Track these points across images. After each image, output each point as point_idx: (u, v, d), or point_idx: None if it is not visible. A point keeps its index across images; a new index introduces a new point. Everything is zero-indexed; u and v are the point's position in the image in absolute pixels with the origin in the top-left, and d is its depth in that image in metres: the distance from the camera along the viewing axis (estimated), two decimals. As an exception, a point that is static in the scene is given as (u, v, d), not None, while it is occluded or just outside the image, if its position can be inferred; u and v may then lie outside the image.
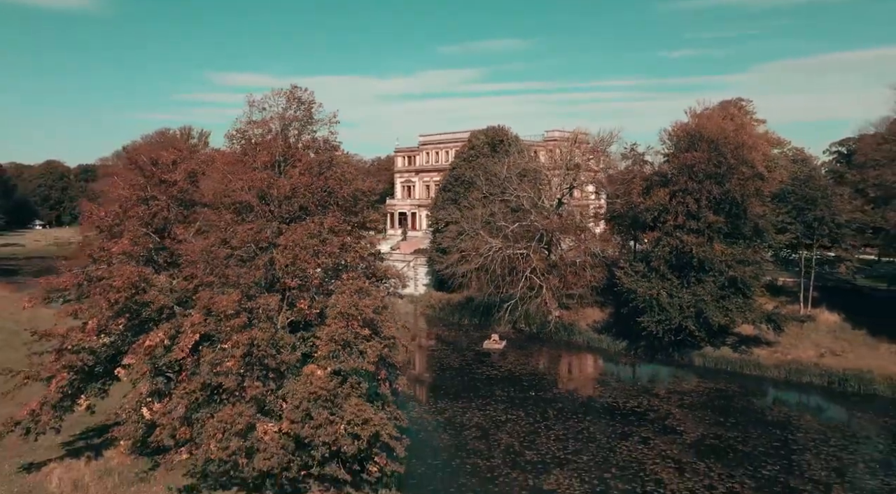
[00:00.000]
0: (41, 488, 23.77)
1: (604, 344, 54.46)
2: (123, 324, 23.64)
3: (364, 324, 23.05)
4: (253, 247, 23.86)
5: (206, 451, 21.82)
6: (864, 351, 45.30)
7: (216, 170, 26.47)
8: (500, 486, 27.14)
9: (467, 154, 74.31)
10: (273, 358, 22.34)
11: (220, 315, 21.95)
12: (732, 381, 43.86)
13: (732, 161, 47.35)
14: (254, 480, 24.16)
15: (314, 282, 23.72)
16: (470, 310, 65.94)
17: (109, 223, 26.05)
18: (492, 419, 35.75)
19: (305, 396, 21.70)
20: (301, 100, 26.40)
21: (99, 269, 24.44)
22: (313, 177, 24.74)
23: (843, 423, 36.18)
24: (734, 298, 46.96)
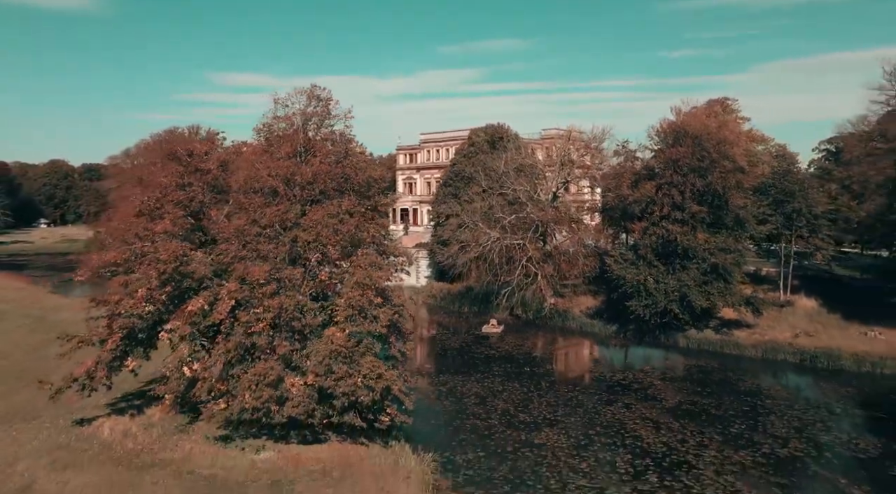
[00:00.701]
0: (95, 436, 27.19)
1: (596, 328, 57.83)
2: (166, 294, 27.00)
3: (377, 293, 26.57)
4: (278, 226, 27.33)
5: (241, 401, 25.28)
6: (836, 333, 48.73)
7: (245, 159, 29.93)
8: (497, 441, 30.55)
9: (467, 151, 77.65)
10: (298, 321, 25.83)
11: (253, 283, 25.40)
12: (713, 359, 47.28)
13: (715, 155, 50.72)
14: (280, 430, 27.70)
15: (333, 257, 27.12)
16: (469, 299, 69.28)
17: (151, 206, 29.46)
18: (489, 389, 39.17)
19: (327, 353, 25.16)
20: (319, 97, 29.90)
21: (144, 247, 27.84)
22: (332, 166, 28.21)
23: (808, 392, 39.58)
24: (716, 283, 50.30)
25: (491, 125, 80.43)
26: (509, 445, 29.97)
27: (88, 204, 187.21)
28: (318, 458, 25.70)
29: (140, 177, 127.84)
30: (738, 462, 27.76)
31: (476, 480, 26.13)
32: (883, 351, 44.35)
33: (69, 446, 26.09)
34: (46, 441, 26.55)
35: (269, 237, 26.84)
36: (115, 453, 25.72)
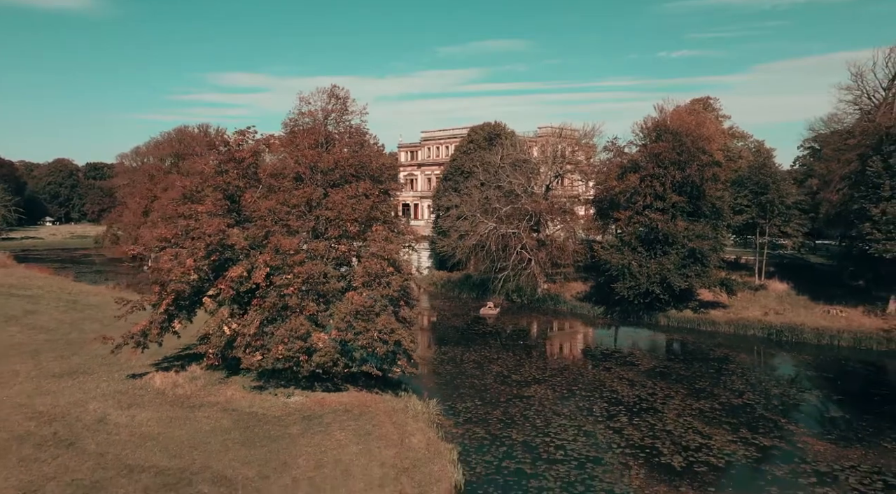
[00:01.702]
0: (149, 386, 31.80)
1: (585, 310, 62.53)
2: (209, 264, 31.59)
3: (390, 263, 31.23)
4: (305, 206, 31.99)
5: (275, 353, 29.89)
6: (802, 311, 53.54)
7: (274, 149, 34.58)
8: (491, 394, 35.23)
9: (466, 147, 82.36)
10: (323, 285, 30.48)
11: (284, 253, 30.03)
12: (689, 335, 52.02)
13: (693, 150, 55.45)
14: (306, 382, 32.34)
15: (351, 232, 31.76)
16: (468, 286, 74.01)
17: (193, 191, 34.09)
18: (485, 357, 43.86)
19: (348, 312, 29.80)
20: (338, 96, 34.62)
21: (189, 224, 32.44)
22: (350, 154, 32.85)
23: (769, 360, 44.33)
24: (694, 267, 55.00)
25: (488, 123, 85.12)
26: (502, 397, 34.66)
27: (93, 202, 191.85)
28: (340, 401, 30.34)
29: (151, 173, 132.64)
30: (698, 409, 32.46)
31: (473, 420, 30.82)
32: (841, 326, 49.13)
33: (129, 392, 30.70)
34: (108, 389, 31.14)
35: (298, 215, 31.51)
36: (168, 397, 30.35)
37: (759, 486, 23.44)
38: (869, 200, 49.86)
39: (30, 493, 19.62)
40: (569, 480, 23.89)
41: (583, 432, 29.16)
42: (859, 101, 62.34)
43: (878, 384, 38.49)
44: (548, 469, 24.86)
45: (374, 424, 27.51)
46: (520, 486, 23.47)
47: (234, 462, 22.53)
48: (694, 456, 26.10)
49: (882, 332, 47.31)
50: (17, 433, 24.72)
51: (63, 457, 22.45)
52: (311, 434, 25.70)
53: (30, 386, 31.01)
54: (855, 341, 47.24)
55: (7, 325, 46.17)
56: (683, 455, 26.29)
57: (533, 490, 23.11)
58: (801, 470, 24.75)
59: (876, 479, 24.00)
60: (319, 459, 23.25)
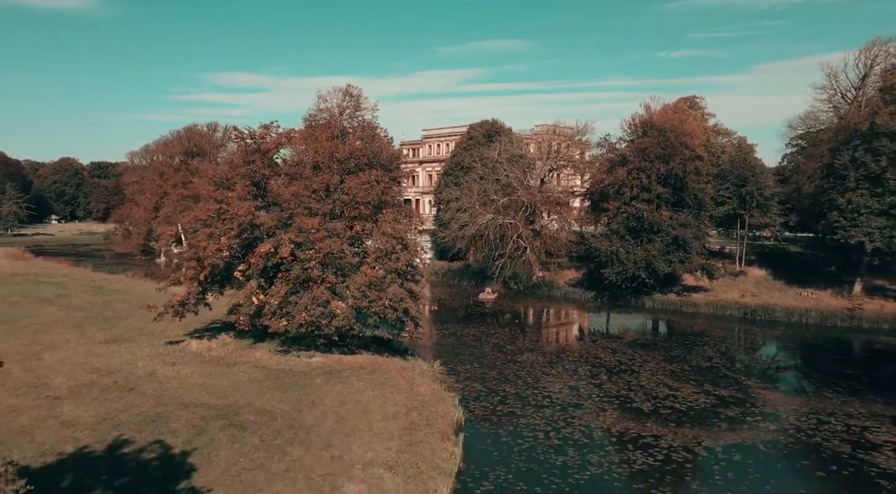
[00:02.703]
0: (186, 349, 36.11)
1: (577, 295, 66.85)
2: (239, 243, 35.90)
3: (398, 241, 35.55)
4: (323, 191, 36.30)
5: (298, 319, 34.21)
6: (776, 294, 57.91)
7: (295, 142, 38.89)
8: (488, 359, 39.57)
9: (466, 143, 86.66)
10: (341, 260, 34.78)
11: (307, 231, 34.34)
12: (672, 315, 56.34)
13: (676, 145, 59.77)
14: (324, 347, 36.66)
15: (365, 213, 36.07)
16: (468, 275, 78.33)
17: (222, 178, 38.39)
18: (483, 332, 48.20)
19: (363, 283, 34.13)
20: (352, 94, 39.11)
21: (221, 207, 36.72)
22: (363, 145, 37.18)
23: (741, 334, 48.66)
24: (677, 253, 59.33)
25: (487, 121, 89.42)
26: (498, 361, 39.02)
27: (98, 200, 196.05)
28: (355, 361, 34.65)
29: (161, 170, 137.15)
30: (669, 370, 36.81)
31: (472, 378, 35.17)
32: (810, 306, 53.51)
33: (170, 354, 34.98)
34: (151, 352, 35.42)
35: (318, 198, 35.83)
36: (205, 358, 34.66)
37: (712, 422, 27.80)
38: (836, 191, 54.18)
39: (108, 420, 23.91)
40: (553, 419, 28.23)
41: (567, 386, 33.52)
42: (833, 100, 66.74)
43: (835, 352, 42.85)
44: (535, 412, 29.22)
45: (386, 377, 31.83)
46: (511, 422, 27.83)
47: (271, 401, 26.87)
48: (661, 403, 30.44)
49: (846, 311, 51.68)
50: (83, 382, 29.02)
51: (127, 398, 26.74)
52: (333, 383, 30.02)
53: (83, 350, 35.33)
54: (822, 319, 51.60)
55: (44, 306, 50.47)
56: (652, 401, 30.64)
57: (522, 426, 27.47)
58: (750, 411, 29.11)
59: (811, 417, 28.36)
60: (342, 399, 27.59)
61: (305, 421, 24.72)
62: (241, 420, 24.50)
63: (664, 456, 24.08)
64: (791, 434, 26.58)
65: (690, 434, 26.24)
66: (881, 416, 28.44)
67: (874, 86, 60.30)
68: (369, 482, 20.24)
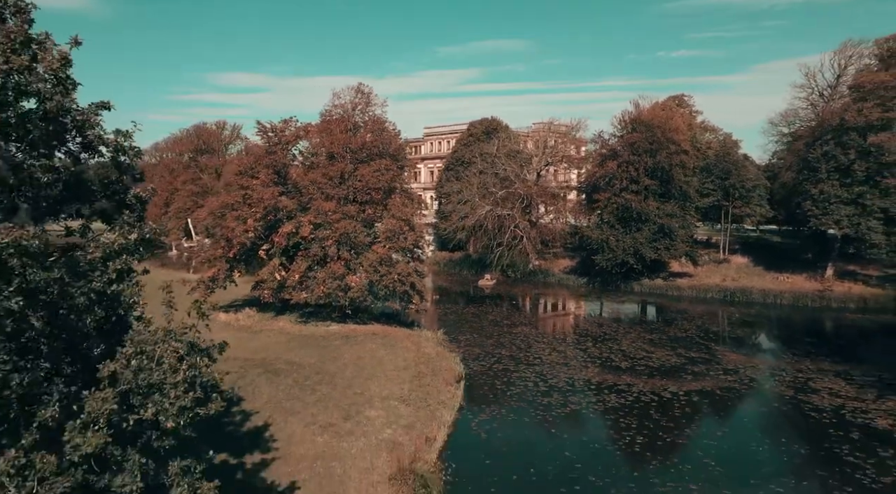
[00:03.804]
0: (214, 320, 40.38)
1: (570, 282, 71.08)
2: (263, 224, 40.15)
3: (406, 223, 39.82)
4: (339, 178, 40.53)
5: (317, 291, 38.50)
6: (755, 278, 62.15)
7: (312, 134, 43.15)
8: (486, 331, 43.83)
9: (466, 140, 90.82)
10: (355, 239, 39.05)
11: (325, 213, 38.60)
12: (658, 298, 60.58)
13: (662, 140, 63.95)
14: (339, 318, 40.94)
15: (376, 198, 40.32)
16: (468, 264, 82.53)
17: (247, 167, 42.65)
18: (482, 311, 52.48)
19: (374, 260, 38.41)
20: (363, 92, 43.21)
21: (245, 194, 40.99)
22: (373, 138, 41.44)
23: (718, 313, 52.88)
24: (663, 241, 63.51)
25: (486, 118, 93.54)
26: (495, 333, 43.30)
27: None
28: (368, 330, 38.92)
29: (171, 167, 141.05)
30: (648, 339, 41.06)
31: (471, 345, 39.42)
32: (785, 289, 57.78)
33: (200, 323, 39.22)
34: (185, 322, 39.71)
35: (333, 185, 40.09)
36: (234, 327, 38.98)
37: (679, 375, 32.07)
38: (810, 182, 58.39)
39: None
40: (541, 373, 32.51)
41: (556, 350, 37.80)
42: (811, 98, 70.98)
43: (801, 326, 47.07)
44: (526, 368, 33.50)
45: (396, 341, 36.11)
46: (505, 376, 32.10)
47: (298, 356, 31.18)
48: (637, 362, 34.71)
49: (817, 293, 55.93)
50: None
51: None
52: (350, 345, 34.29)
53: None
54: (794, 300, 55.87)
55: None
56: (630, 361, 34.92)
57: (514, 377, 31.75)
58: (713, 368, 33.39)
59: (766, 372, 32.67)
60: (359, 355, 31.87)
61: (329, 370, 29.02)
62: (275, 368, 28.80)
63: (634, 398, 28.36)
64: (745, 383, 30.84)
65: (659, 384, 30.50)
66: (826, 371, 32.69)
67: (847, 85, 64.44)
68: (387, 409, 24.52)
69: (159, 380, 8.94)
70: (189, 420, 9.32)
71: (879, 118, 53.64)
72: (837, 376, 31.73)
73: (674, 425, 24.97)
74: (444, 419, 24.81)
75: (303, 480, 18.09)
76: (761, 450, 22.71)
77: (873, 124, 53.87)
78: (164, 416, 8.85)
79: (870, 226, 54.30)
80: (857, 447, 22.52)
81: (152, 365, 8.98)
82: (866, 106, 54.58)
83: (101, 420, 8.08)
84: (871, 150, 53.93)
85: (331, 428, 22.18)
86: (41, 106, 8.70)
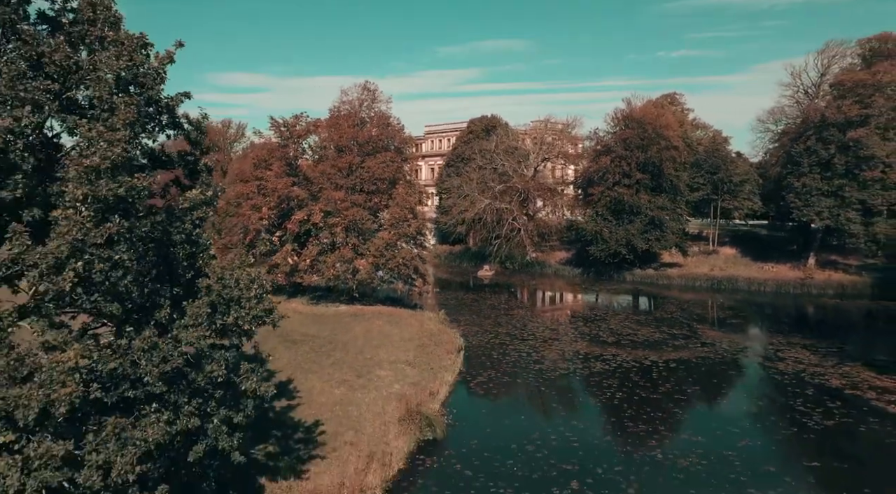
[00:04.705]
0: (233, 301, 43.39)
1: (565, 272, 74.13)
2: (276, 212, 43.16)
3: (410, 211, 42.83)
4: (347, 169, 43.55)
5: (328, 274, 41.51)
6: (741, 268, 65.19)
7: (322, 129, 46.16)
8: (485, 313, 46.86)
9: (466, 137, 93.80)
10: (362, 225, 42.07)
11: (335, 201, 41.61)
12: (649, 287, 63.61)
13: (653, 135, 66.97)
14: (348, 300, 43.96)
15: (382, 188, 43.33)
16: (467, 257, 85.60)
17: (262, 158, 45.66)
18: (481, 297, 55.52)
19: (380, 245, 41.42)
20: (369, 89, 46.28)
21: (262, 183, 43.99)
22: (379, 132, 44.46)
23: (704, 299, 55.89)
24: (653, 232, 66.52)
25: (486, 116, 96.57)
26: (492, 315, 46.33)
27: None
28: (375, 310, 41.89)
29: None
30: (636, 320, 44.08)
31: (471, 324, 42.45)
32: (769, 277, 60.84)
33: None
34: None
35: (342, 175, 43.11)
36: (250, 307, 41.95)
37: (660, 347, 35.10)
38: (793, 175, 61.43)
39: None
40: (534, 346, 35.54)
41: (549, 328, 40.84)
42: (797, 96, 73.99)
43: (779, 309, 50.09)
44: (521, 343, 36.53)
45: (401, 318, 39.12)
46: (501, 348, 35.14)
47: (312, 329, 34.18)
48: (623, 338, 37.73)
49: (799, 280, 59.00)
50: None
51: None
52: (359, 321, 37.29)
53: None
54: (777, 287, 58.93)
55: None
56: (616, 337, 37.95)
57: (510, 349, 34.79)
58: (692, 342, 36.43)
59: (739, 345, 35.73)
60: (368, 329, 34.89)
61: (341, 340, 32.05)
62: (292, 338, 31.81)
63: (617, 365, 31.39)
64: (719, 353, 33.87)
65: (641, 354, 33.53)
66: (795, 345, 35.71)
67: (829, 83, 67.47)
68: (394, 370, 27.55)
69: (238, 295, 11.93)
70: (258, 324, 12.36)
71: (858, 114, 56.66)
72: (804, 348, 34.72)
73: (650, 385, 27.97)
74: (446, 379, 27.84)
75: (325, 419, 21.08)
76: (724, 403, 25.74)
77: (852, 120, 56.88)
78: (241, 321, 11.89)
79: (848, 218, 57.30)
80: (809, 399, 25.54)
81: (232, 284, 11.94)
82: (845, 103, 57.62)
83: (198, 320, 11.08)
84: (851, 145, 56.91)
85: (346, 384, 25.18)
86: (145, 92, 11.64)
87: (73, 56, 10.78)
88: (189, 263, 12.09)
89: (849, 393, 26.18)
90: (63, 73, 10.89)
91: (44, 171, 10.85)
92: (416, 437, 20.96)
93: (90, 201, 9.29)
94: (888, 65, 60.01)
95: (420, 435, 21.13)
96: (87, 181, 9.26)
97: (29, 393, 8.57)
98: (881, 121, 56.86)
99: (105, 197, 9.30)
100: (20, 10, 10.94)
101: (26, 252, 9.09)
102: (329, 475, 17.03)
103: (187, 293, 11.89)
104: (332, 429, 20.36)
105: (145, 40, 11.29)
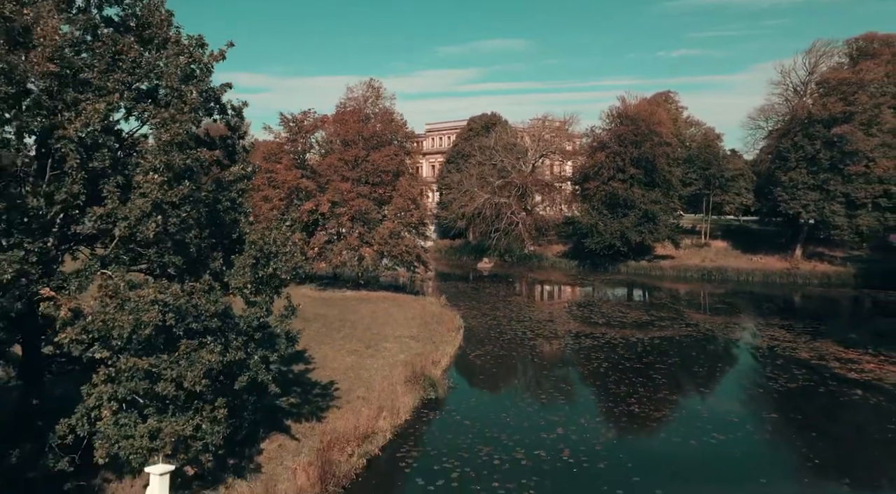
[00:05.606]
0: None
1: (562, 264, 76.55)
2: (286, 203, 45.62)
3: (412, 202, 45.32)
4: (353, 162, 46.05)
5: (335, 261, 43.99)
6: (731, 260, 67.65)
7: (329, 124, 48.65)
8: (483, 300, 49.32)
9: (466, 134, 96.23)
10: (367, 215, 44.53)
11: (342, 192, 44.08)
12: (643, 278, 66.07)
13: (647, 132, 69.39)
14: (354, 285, 46.45)
15: (386, 179, 45.80)
16: (467, 250, 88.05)
17: (272, 152, 48.14)
18: (480, 287, 58.01)
19: (385, 234, 43.90)
20: (374, 86, 48.83)
21: (271, 175, 46.47)
22: (383, 127, 46.95)
23: (694, 288, 58.37)
24: (647, 225, 68.89)
25: (486, 114, 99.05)
26: (491, 301, 48.80)
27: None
28: (379, 295, 44.39)
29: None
30: (626, 305, 46.60)
31: (470, 309, 44.90)
32: (757, 268, 63.35)
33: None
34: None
35: (349, 168, 45.59)
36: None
37: (646, 327, 37.58)
38: (781, 170, 63.88)
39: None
40: (530, 327, 38.02)
41: (544, 312, 43.32)
42: (786, 94, 76.39)
43: (764, 297, 52.53)
44: (517, 324, 39.02)
45: (404, 302, 41.62)
46: (499, 328, 37.63)
47: (322, 310, 36.65)
48: (613, 320, 40.20)
49: (785, 270, 61.47)
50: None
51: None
52: (365, 304, 39.76)
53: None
54: (765, 277, 61.42)
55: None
56: (606, 318, 40.43)
57: (506, 330, 37.28)
58: (677, 322, 38.92)
59: (721, 325, 38.21)
60: (374, 311, 37.37)
61: (350, 318, 34.55)
62: (304, 316, 34.09)
63: (605, 341, 33.88)
64: (701, 331, 36.37)
65: (629, 333, 36.01)
66: (774, 325, 38.19)
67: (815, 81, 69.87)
68: (400, 343, 30.04)
69: (276, 250, 14.42)
70: (293, 274, 14.88)
71: (842, 111, 59.10)
72: (782, 328, 37.20)
73: (634, 357, 30.43)
74: (447, 351, 30.34)
75: (339, 380, 23.55)
76: (699, 371, 28.22)
77: (836, 117, 59.32)
78: (279, 270, 14.38)
79: (833, 210, 59.76)
80: (777, 367, 28.03)
81: (270, 241, 14.43)
82: (830, 100, 60.07)
83: (244, 269, 13.58)
84: (835, 141, 59.36)
85: (356, 353, 27.67)
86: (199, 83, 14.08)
87: (144, 54, 13.27)
88: (233, 225, 14.57)
89: (815, 363, 28.65)
90: (133, 68, 13.36)
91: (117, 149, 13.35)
92: (421, 395, 23.44)
93: (165, 169, 11.77)
94: (872, 64, 62.47)
95: (424, 394, 23.61)
96: (163, 152, 11.74)
97: (123, 316, 11.05)
98: (864, 117, 59.32)
99: (178, 165, 11.79)
100: (99, 15, 13.43)
101: (118, 208, 11.58)
102: (344, 420, 19.49)
103: (233, 249, 14.40)
104: (345, 387, 22.83)
105: (202, 41, 13.77)
